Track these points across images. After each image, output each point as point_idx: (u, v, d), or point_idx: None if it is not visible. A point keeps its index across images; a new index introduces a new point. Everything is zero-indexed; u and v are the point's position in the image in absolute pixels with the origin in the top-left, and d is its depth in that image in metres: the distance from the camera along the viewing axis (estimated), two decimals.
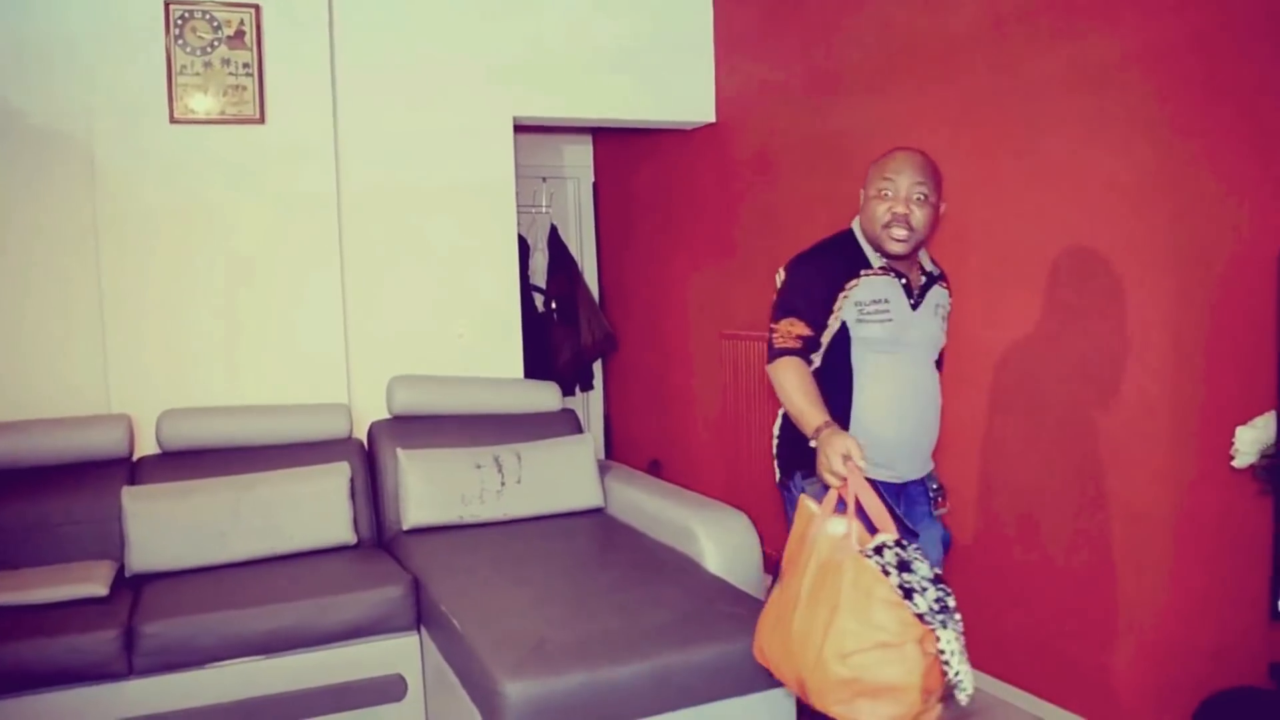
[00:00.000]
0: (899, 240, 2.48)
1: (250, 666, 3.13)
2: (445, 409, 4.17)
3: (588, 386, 6.30)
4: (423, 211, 4.40)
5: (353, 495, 3.79)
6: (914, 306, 2.57)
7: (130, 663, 3.01)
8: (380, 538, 3.91)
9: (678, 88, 4.91)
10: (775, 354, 2.51)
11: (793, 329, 2.50)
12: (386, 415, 4.16)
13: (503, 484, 3.88)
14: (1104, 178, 3.03)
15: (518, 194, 4.68)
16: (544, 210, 6.26)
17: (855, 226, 2.62)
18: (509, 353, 4.58)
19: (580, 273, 6.16)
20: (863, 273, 2.54)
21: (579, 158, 6.54)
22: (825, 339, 2.53)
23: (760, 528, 3.62)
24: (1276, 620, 2.30)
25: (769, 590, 2.42)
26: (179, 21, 3.95)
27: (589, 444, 4.13)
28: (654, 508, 3.77)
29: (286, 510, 3.60)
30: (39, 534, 3.52)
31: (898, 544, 2.14)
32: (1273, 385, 2.39)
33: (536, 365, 5.56)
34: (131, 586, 3.39)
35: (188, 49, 3.96)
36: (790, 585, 2.24)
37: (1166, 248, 2.87)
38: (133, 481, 3.68)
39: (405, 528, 3.82)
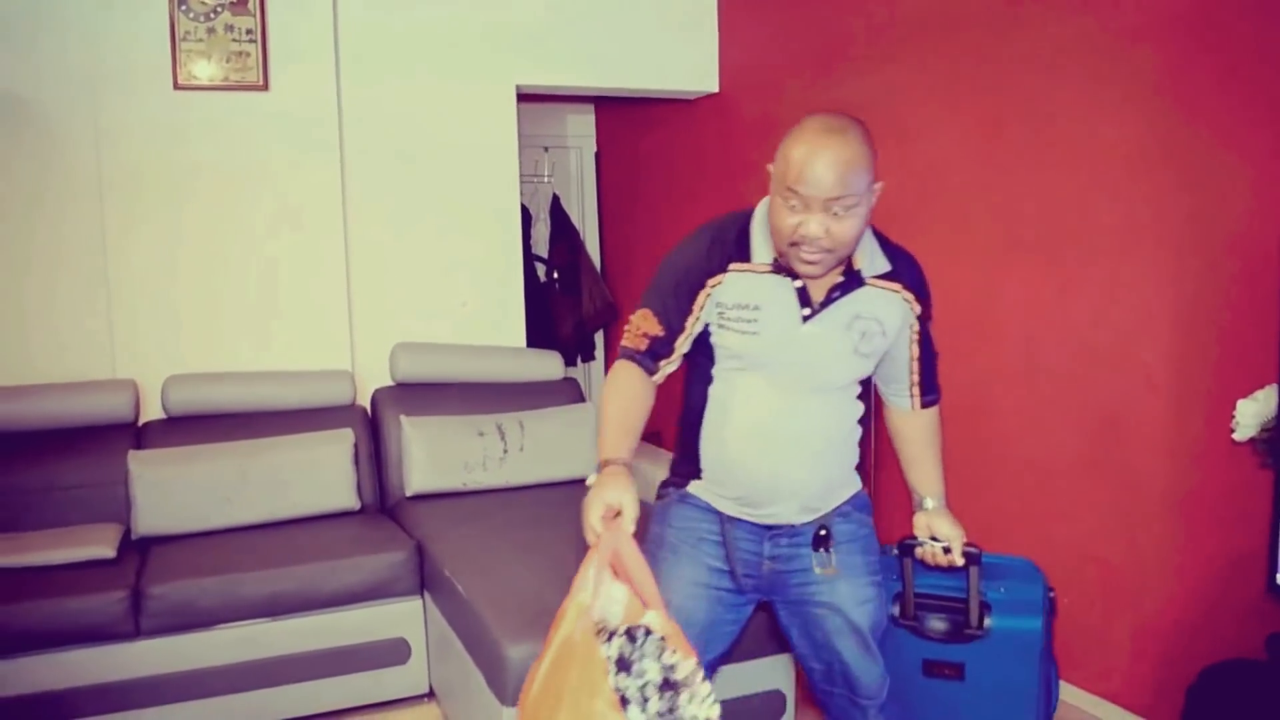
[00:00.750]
0: (811, 263, 1.88)
1: (255, 629, 3.17)
2: (448, 377, 4.19)
3: (589, 356, 6.32)
4: (426, 180, 4.40)
5: (356, 461, 3.81)
6: (806, 318, 1.97)
7: (137, 624, 3.05)
8: (383, 504, 3.95)
9: (681, 57, 4.90)
10: (621, 353, 2.06)
11: (643, 325, 2.04)
12: (390, 382, 4.18)
13: (505, 451, 3.91)
14: (1111, 150, 3.03)
15: (520, 163, 4.67)
16: (546, 180, 6.26)
17: (760, 209, 2.03)
18: (512, 321, 4.59)
19: (582, 243, 6.17)
20: (731, 266, 1.99)
21: (581, 127, 6.53)
22: (683, 344, 2.04)
23: None
24: (1274, 593, 2.33)
25: None
26: None
27: (590, 412, 4.16)
28: (655, 475, 3.79)
29: (291, 475, 3.62)
30: (46, 497, 3.55)
31: (631, 632, 1.69)
32: (1274, 358, 2.41)
33: (538, 334, 5.58)
34: (138, 549, 3.43)
35: (191, 15, 3.95)
36: (543, 654, 1.76)
37: (1171, 221, 2.87)
38: (139, 446, 3.71)
39: (408, 494, 3.85)
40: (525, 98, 4.76)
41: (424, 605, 3.37)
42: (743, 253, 1.99)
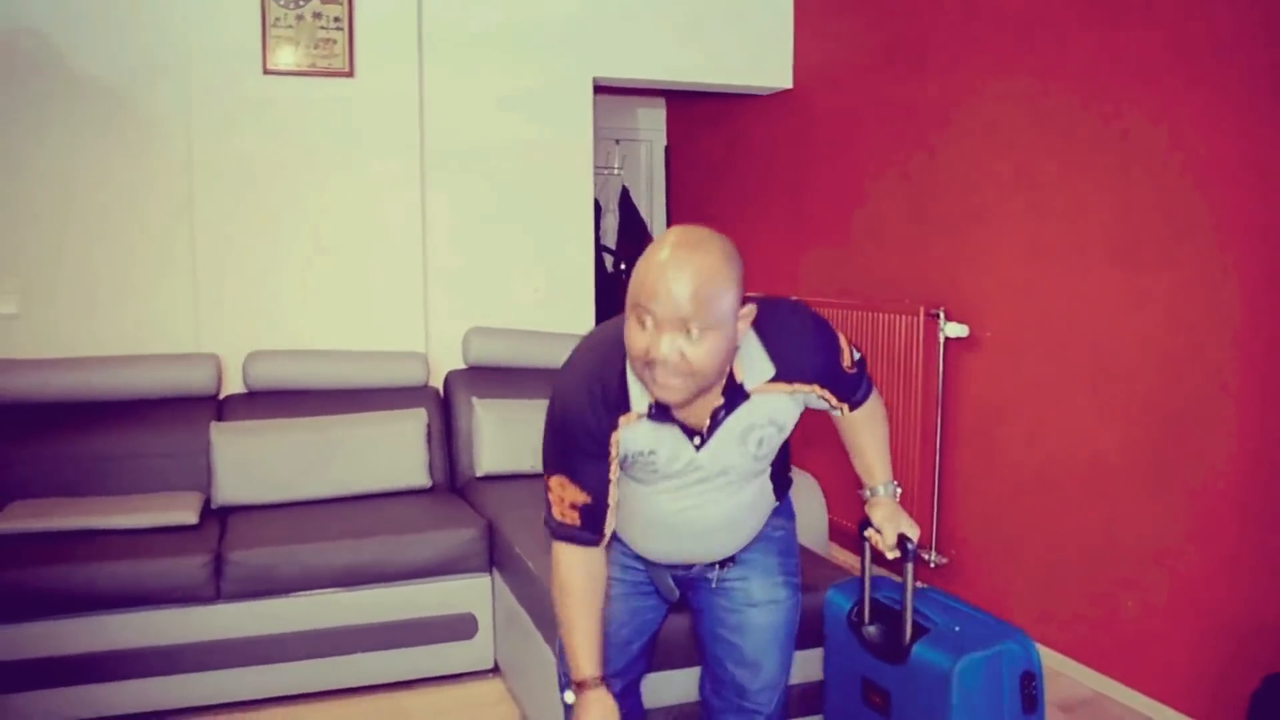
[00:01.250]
0: (666, 386, 1.65)
1: (328, 598, 3.27)
2: (519, 361, 4.26)
3: None
4: (502, 168, 4.49)
5: (429, 440, 3.91)
6: (698, 448, 1.84)
7: (218, 588, 3.17)
8: (453, 483, 4.03)
9: (755, 53, 4.93)
10: (553, 531, 1.88)
11: (565, 494, 1.84)
12: (462, 365, 4.27)
13: None
14: (1187, 153, 3.01)
15: (592, 155, 4.74)
16: (616, 172, 6.32)
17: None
18: (581, 309, 4.67)
19: (650, 236, 6.23)
20: (619, 424, 1.80)
21: (652, 120, 6.59)
22: (611, 502, 1.87)
23: (828, 497, 3.69)
24: None
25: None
26: None
27: None
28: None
29: (365, 452, 3.72)
30: (131, 464, 3.69)
31: None
32: None
33: None
34: (218, 517, 3.55)
35: (281, 2, 4.06)
36: None
37: (1243, 223, 2.85)
38: (220, 418, 3.83)
39: (478, 474, 3.93)
40: (599, 89, 4.83)
41: (492, 582, 3.45)
42: (624, 403, 1.79)
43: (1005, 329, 3.69)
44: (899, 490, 2.16)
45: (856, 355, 1.99)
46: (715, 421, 1.81)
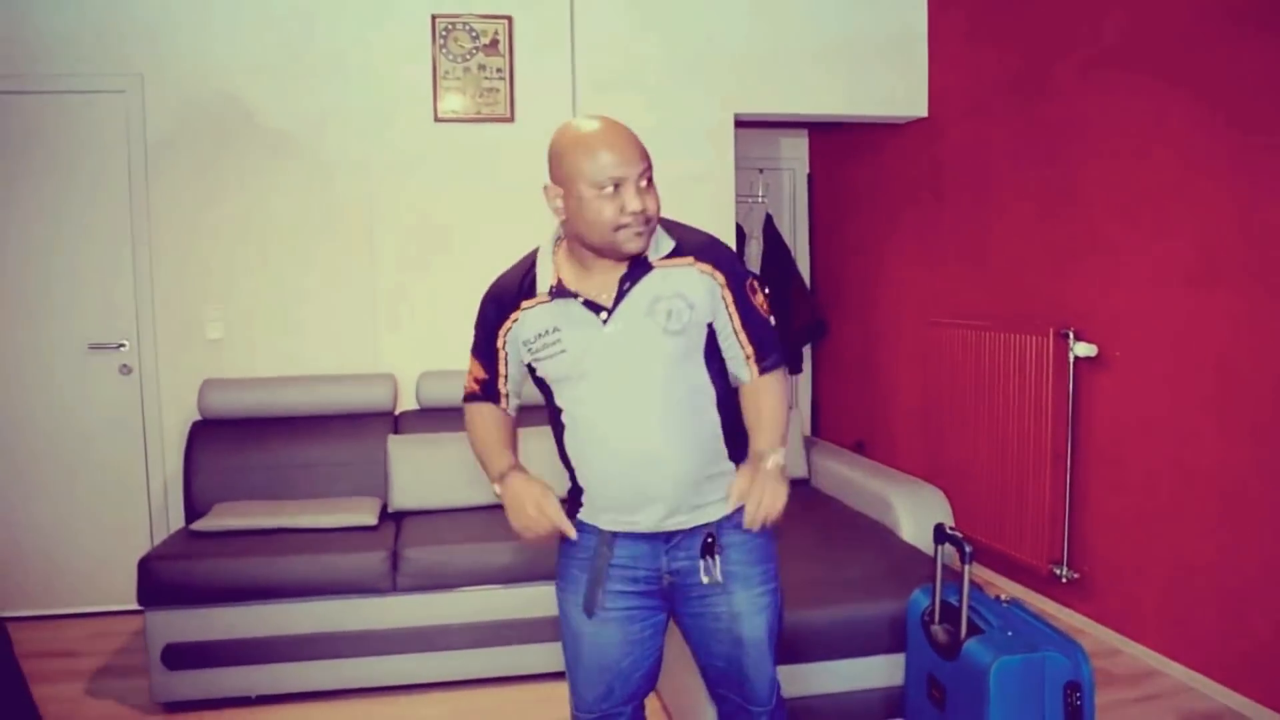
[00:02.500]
0: (640, 234, 1.95)
1: (491, 593, 3.63)
2: None
3: (797, 369, 6.58)
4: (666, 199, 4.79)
5: None
6: (605, 321, 2.00)
7: (395, 581, 3.55)
8: None
9: (891, 83, 5.11)
10: (464, 397, 2.26)
11: (473, 371, 2.21)
12: None
13: None
14: None
15: (736, 184, 5.01)
16: (760, 200, 6.57)
17: (547, 242, 2.14)
18: None
19: (793, 260, 6.44)
20: (522, 305, 2.07)
21: (795, 150, 6.82)
22: (509, 387, 2.19)
23: (956, 509, 3.84)
24: None
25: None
26: (443, 32, 4.50)
27: (794, 421, 4.43)
28: (856, 480, 4.05)
29: (527, 464, 4.03)
30: (317, 471, 4.15)
31: None
32: None
33: None
34: (394, 520, 3.96)
35: (450, 56, 4.50)
36: None
37: None
38: (396, 431, 4.26)
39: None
40: (743, 123, 5.10)
41: None
42: (530, 291, 2.06)
43: (1134, 348, 3.78)
44: (782, 462, 2.05)
45: (767, 306, 2.15)
46: (621, 293, 1.99)
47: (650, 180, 1.95)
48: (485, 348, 2.15)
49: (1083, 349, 3.94)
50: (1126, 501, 3.84)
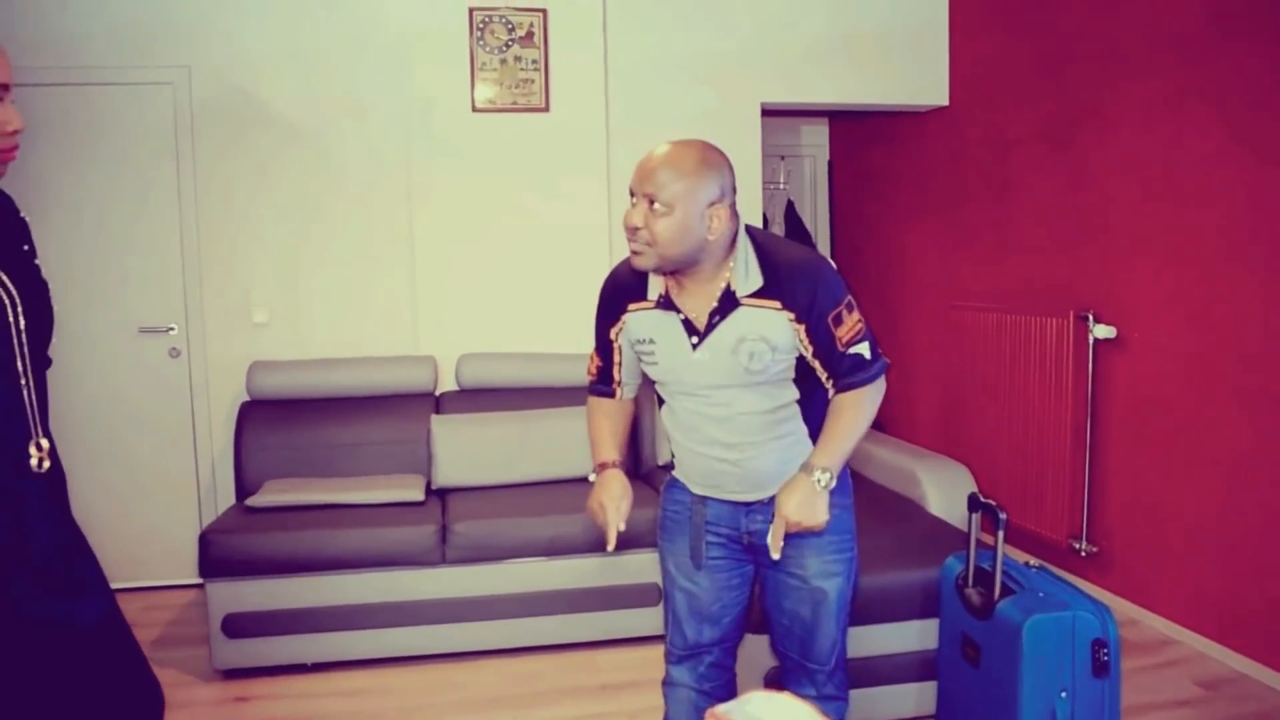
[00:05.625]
0: (636, 254, 2.06)
1: (535, 565, 3.79)
2: None
3: None
4: None
5: None
6: (695, 346, 2.13)
7: (443, 553, 3.72)
8: (637, 470, 4.51)
9: (913, 72, 5.23)
10: (587, 387, 2.45)
11: (593, 358, 2.39)
12: None
13: None
14: None
15: (760, 172, 5.15)
16: (781, 187, 6.71)
17: None
18: None
19: (815, 246, 6.58)
20: (630, 307, 2.22)
21: (815, 137, 6.95)
22: (623, 375, 2.36)
23: (978, 486, 3.98)
24: None
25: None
26: (480, 25, 4.63)
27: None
28: (883, 457, 4.20)
29: (563, 442, 4.23)
30: (363, 450, 4.32)
31: None
32: None
33: None
34: (438, 496, 4.12)
35: (486, 48, 4.64)
36: None
37: None
38: (438, 411, 4.42)
39: (659, 463, 4.40)
40: (766, 112, 5.23)
41: None
42: (640, 293, 2.19)
43: (1152, 329, 3.91)
44: (829, 483, 2.11)
45: (865, 343, 2.13)
46: (710, 325, 2.09)
47: (669, 206, 1.98)
48: (600, 341, 2.33)
49: (1102, 330, 4.07)
50: (1144, 478, 3.98)
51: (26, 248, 1.68)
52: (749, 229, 2.16)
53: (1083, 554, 4.23)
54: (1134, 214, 3.97)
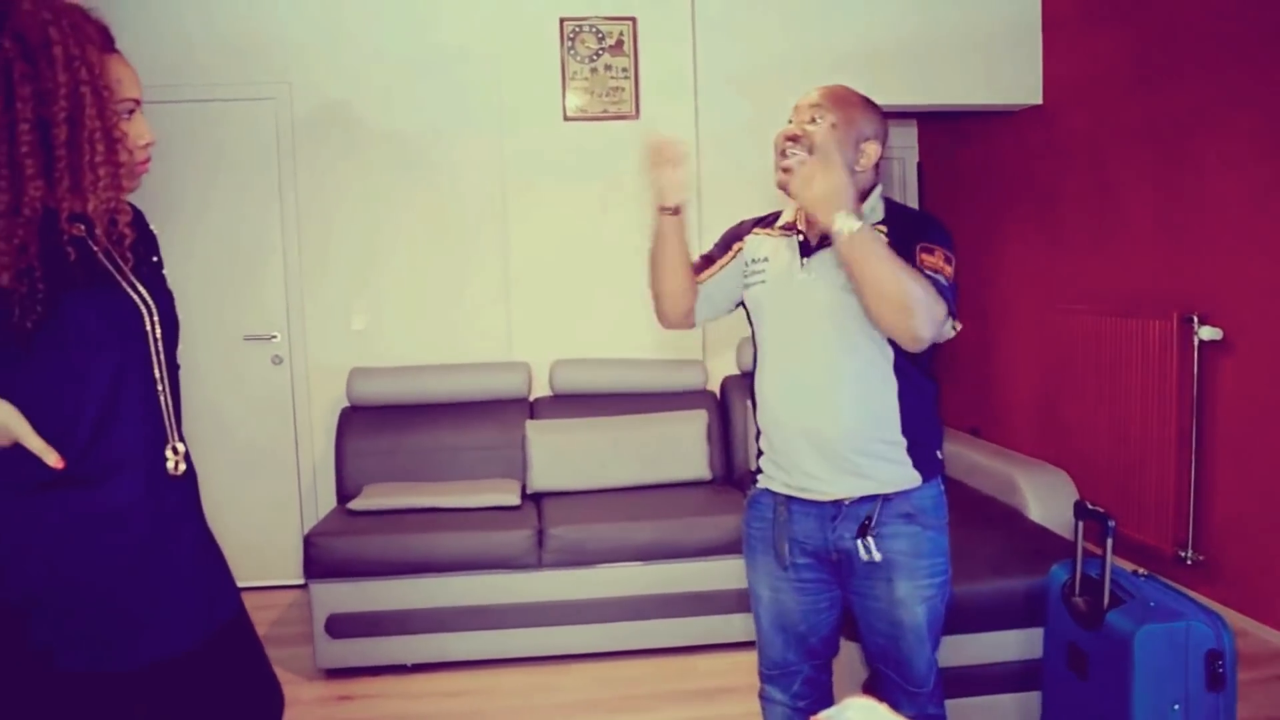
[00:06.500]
0: (785, 172, 2.15)
1: (630, 570, 3.81)
2: None
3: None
4: (770, 190, 4.92)
5: (709, 438, 4.40)
6: (802, 265, 2.18)
7: (540, 557, 3.77)
8: (730, 476, 4.51)
9: (1005, 71, 5.14)
10: None
11: (703, 251, 2.47)
12: (737, 372, 4.75)
13: None
14: None
15: None
16: None
17: None
18: None
19: None
20: (755, 230, 2.36)
21: (904, 139, 6.88)
22: (712, 277, 2.37)
23: (1081, 492, 3.91)
24: None
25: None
26: (570, 34, 4.69)
27: None
28: (981, 463, 4.14)
29: (655, 447, 4.26)
30: (459, 455, 4.40)
31: None
32: None
33: None
34: (533, 501, 4.17)
35: (577, 57, 4.69)
36: None
37: None
38: (532, 417, 4.47)
39: (752, 469, 4.37)
40: None
41: None
42: (768, 223, 2.35)
43: (1262, 331, 3.80)
44: (852, 225, 1.94)
45: (940, 276, 2.08)
46: (821, 244, 2.15)
47: (824, 118, 2.14)
48: (719, 247, 2.42)
49: (1208, 333, 3.97)
50: (1254, 484, 3.86)
51: (156, 259, 1.76)
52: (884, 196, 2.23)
53: (1189, 562, 4.12)
54: (1243, 213, 3.86)
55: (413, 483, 4.24)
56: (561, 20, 4.69)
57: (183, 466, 1.68)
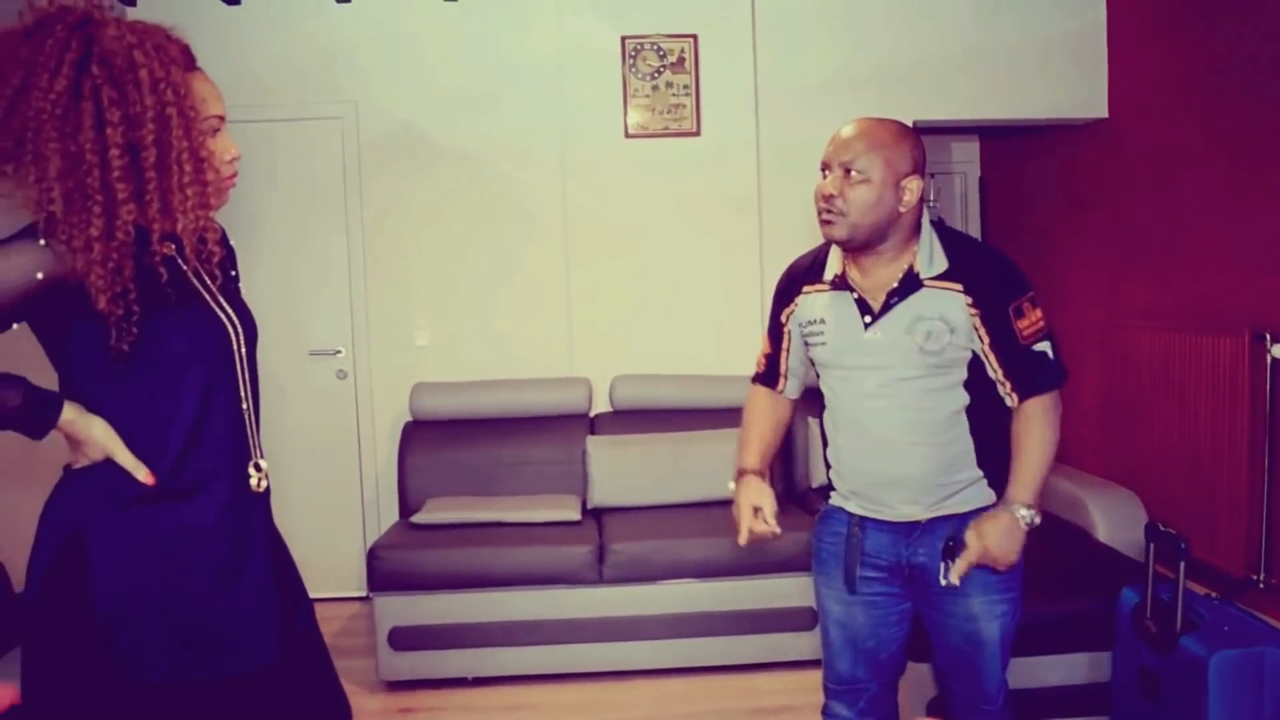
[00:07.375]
0: (827, 222, 2.08)
1: (691, 586, 3.82)
2: None
3: None
4: None
5: None
6: (868, 325, 2.12)
7: (600, 573, 3.78)
8: (791, 492, 4.49)
9: (1069, 84, 5.06)
10: (752, 376, 2.46)
11: (763, 345, 2.40)
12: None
13: None
14: None
15: None
16: (932, 204, 6.60)
17: None
18: None
19: None
20: (804, 289, 2.25)
21: (966, 154, 6.82)
22: (789, 364, 2.36)
23: (1149, 513, 3.84)
24: None
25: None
26: (632, 52, 4.73)
27: None
28: (1049, 483, 4.04)
29: (716, 463, 4.24)
30: (520, 470, 4.43)
31: None
32: None
33: None
34: (593, 516, 4.19)
35: (639, 75, 4.72)
36: None
37: None
38: (592, 432, 4.50)
39: (813, 485, 4.37)
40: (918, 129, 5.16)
41: None
42: (815, 275, 2.23)
43: None
44: (1032, 521, 2.10)
45: (1047, 342, 2.17)
46: (887, 305, 2.10)
47: (863, 175, 2.03)
48: (773, 324, 2.36)
49: None
50: None
51: (234, 273, 1.80)
52: (932, 220, 2.17)
53: (1261, 585, 4.02)
54: None
55: (474, 497, 4.28)
56: (623, 38, 4.73)
57: (265, 483, 1.72)
